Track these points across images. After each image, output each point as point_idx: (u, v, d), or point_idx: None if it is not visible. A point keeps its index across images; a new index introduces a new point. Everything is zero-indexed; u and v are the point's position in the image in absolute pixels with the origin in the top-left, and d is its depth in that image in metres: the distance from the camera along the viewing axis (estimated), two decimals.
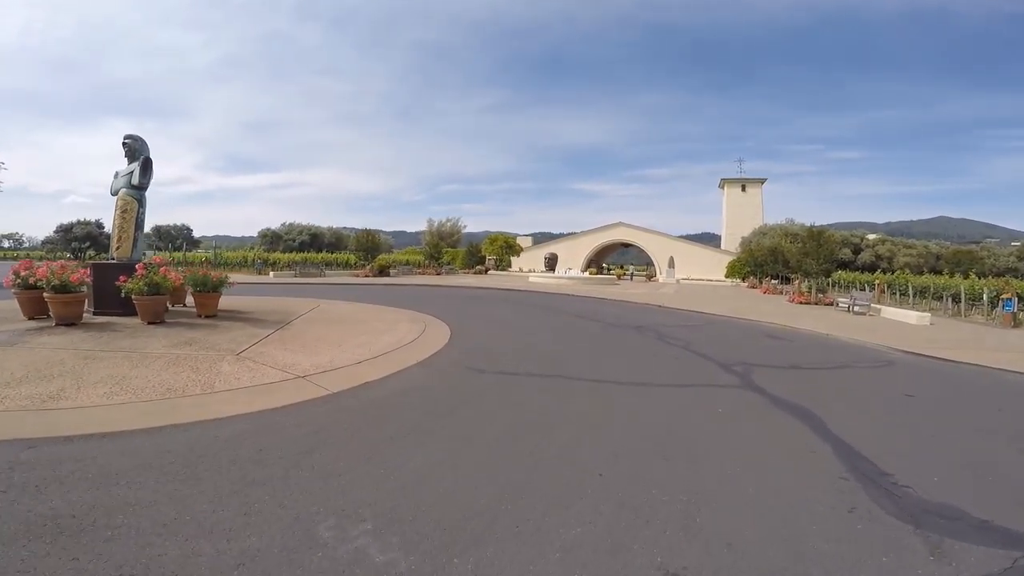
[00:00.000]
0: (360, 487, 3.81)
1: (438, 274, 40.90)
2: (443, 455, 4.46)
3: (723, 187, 58.07)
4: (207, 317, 11.15)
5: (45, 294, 9.58)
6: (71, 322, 9.59)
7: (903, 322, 17.13)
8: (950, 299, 21.93)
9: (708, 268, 48.85)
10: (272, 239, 61.52)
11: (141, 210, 11.81)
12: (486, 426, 5.22)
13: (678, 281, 44.11)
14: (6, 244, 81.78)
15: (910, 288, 25.26)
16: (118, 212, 11.67)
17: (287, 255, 42.52)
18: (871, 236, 55.33)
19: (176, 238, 55.80)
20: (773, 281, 33.82)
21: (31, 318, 9.85)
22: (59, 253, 51.91)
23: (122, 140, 11.90)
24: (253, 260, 35.52)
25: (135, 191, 11.65)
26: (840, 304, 21.80)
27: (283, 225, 64.80)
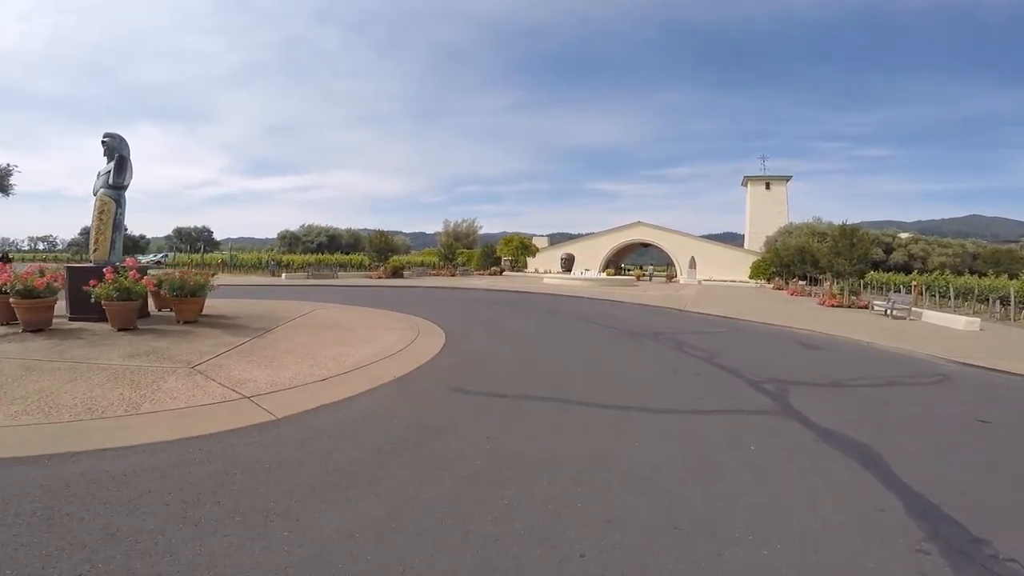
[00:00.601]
0: (241, 558, 2.76)
1: (452, 275, 39.98)
2: (372, 518, 3.36)
3: (746, 185, 55.94)
4: (186, 323, 10.31)
5: (11, 299, 8.95)
6: (39, 328, 8.89)
7: (949, 328, 15.48)
8: (997, 302, 20.05)
9: (731, 268, 46.94)
10: (291, 241, 61.53)
11: (119, 211, 11.02)
12: (444, 475, 4.07)
13: (699, 282, 42.40)
14: (41, 246, 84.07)
15: (951, 290, 23.34)
16: (96, 213, 10.91)
17: (303, 256, 42.13)
18: (903, 235, 52.65)
19: (196, 240, 56.08)
20: (800, 282, 32.00)
21: (4, 324, 9.27)
22: (84, 255, 52.60)
23: (101, 139, 11.15)
24: (267, 262, 35.07)
25: (113, 191, 10.87)
26: (876, 307, 20.12)
27: (302, 227, 64.84)
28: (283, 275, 32.18)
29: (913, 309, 18.84)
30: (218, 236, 70.81)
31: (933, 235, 59.82)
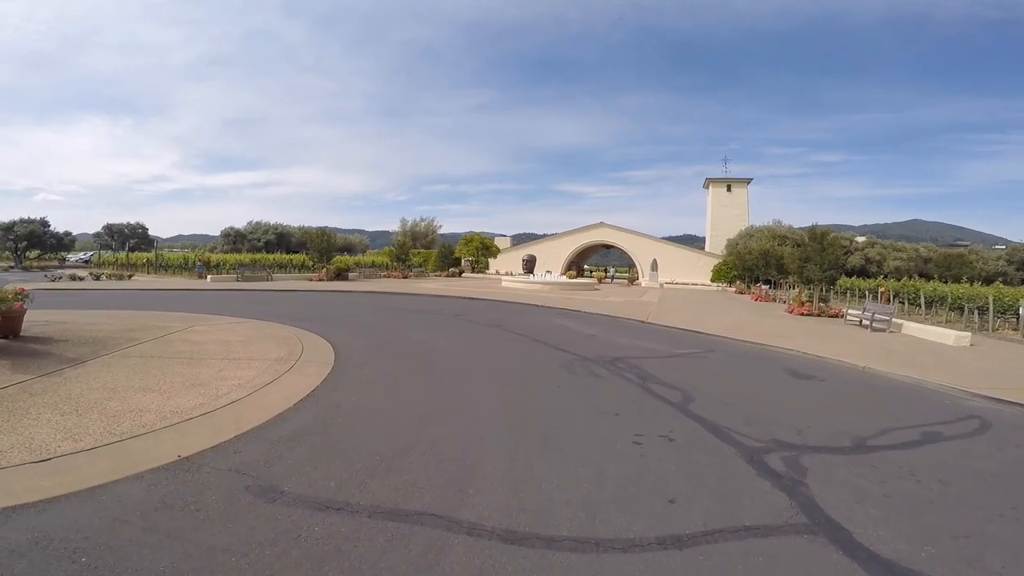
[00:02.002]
0: None
1: (405, 277, 36.82)
2: None
3: (708, 187, 54.65)
4: None
5: None
6: None
7: (939, 343, 13.56)
8: (975, 312, 18.48)
9: (692, 271, 45.42)
10: (235, 238, 56.84)
11: None
12: None
13: (661, 285, 40.57)
14: None
15: (922, 296, 21.84)
16: None
17: (235, 256, 38.09)
18: (860, 238, 52.35)
19: (130, 237, 50.92)
20: (764, 287, 30.35)
21: None
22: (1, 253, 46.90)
23: None
24: (194, 262, 31.17)
25: None
26: (850, 316, 18.26)
27: (249, 224, 60.18)
28: (208, 277, 28.41)
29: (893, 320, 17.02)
30: (167, 233, 65.33)
31: (879, 238, 60.18)
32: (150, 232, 60.74)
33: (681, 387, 7.81)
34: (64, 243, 49.80)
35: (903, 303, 23.25)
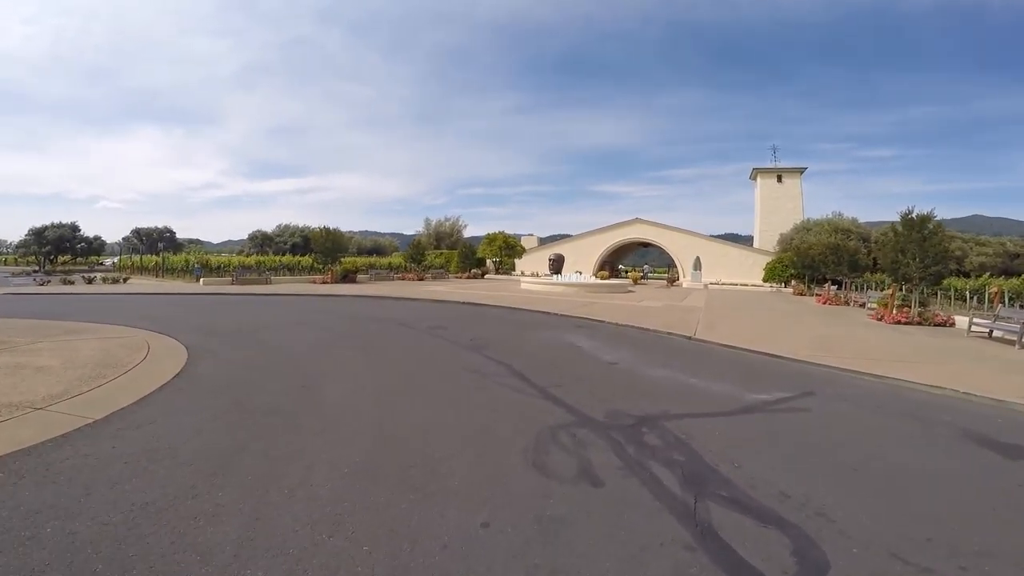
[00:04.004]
0: None
1: (420, 279, 33.19)
2: None
3: (755, 178, 48.52)
4: None
5: None
6: None
7: None
8: None
9: (740, 270, 39.79)
10: (262, 241, 55.02)
11: None
12: None
13: (706, 286, 35.32)
14: None
15: None
16: None
17: (239, 258, 35.42)
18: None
19: (158, 241, 49.70)
20: (833, 287, 24.89)
21: None
22: (29, 258, 46.40)
23: None
24: (193, 265, 28.49)
25: None
26: (977, 327, 13.10)
27: (277, 227, 58.43)
28: (200, 281, 25.54)
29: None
30: (219, 238, 64.69)
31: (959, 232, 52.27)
32: (200, 237, 60.20)
33: (795, 520, 3.39)
34: (94, 247, 49.00)
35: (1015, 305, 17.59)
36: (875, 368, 8.22)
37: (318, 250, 28.66)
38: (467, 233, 57.27)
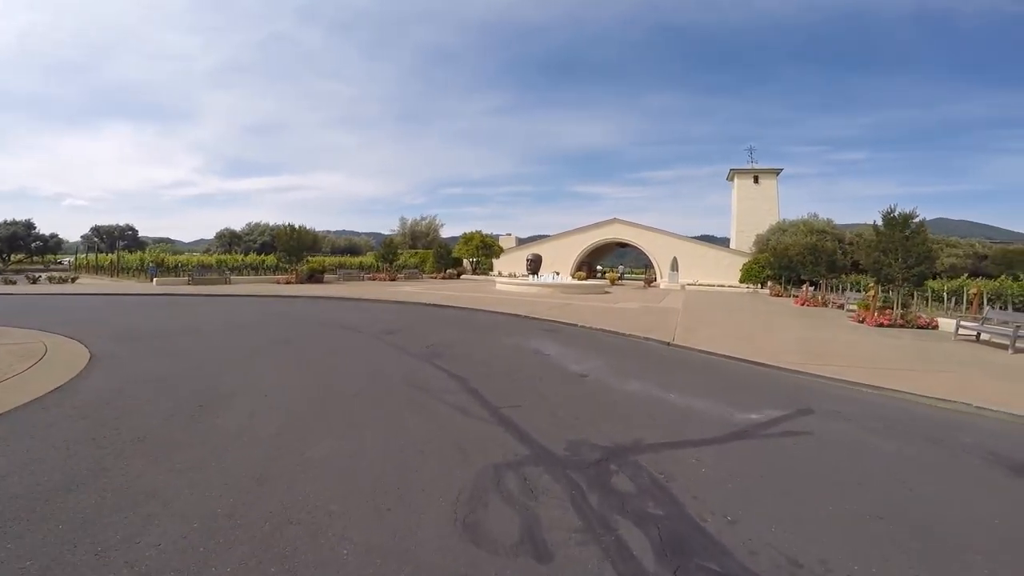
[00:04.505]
0: None
1: (392, 280, 31.80)
2: None
3: (732, 179, 48.32)
4: None
5: None
6: None
7: None
8: None
9: (717, 271, 39.36)
10: (230, 240, 52.82)
11: None
12: None
13: (682, 287, 34.73)
14: None
15: None
16: None
17: (201, 257, 33.40)
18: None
19: (119, 239, 47.08)
20: (811, 289, 24.36)
21: None
22: None
23: None
24: (147, 263, 26.62)
25: None
26: (964, 329, 12.45)
27: (247, 225, 56.22)
28: (154, 281, 23.79)
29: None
30: (191, 237, 61.98)
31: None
32: (172, 236, 57.42)
33: None
34: (50, 246, 46.20)
35: (999, 308, 17.17)
36: (872, 378, 7.32)
37: (282, 248, 27.05)
38: (445, 233, 55.78)
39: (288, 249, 26.73)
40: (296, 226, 27.21)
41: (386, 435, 4.65)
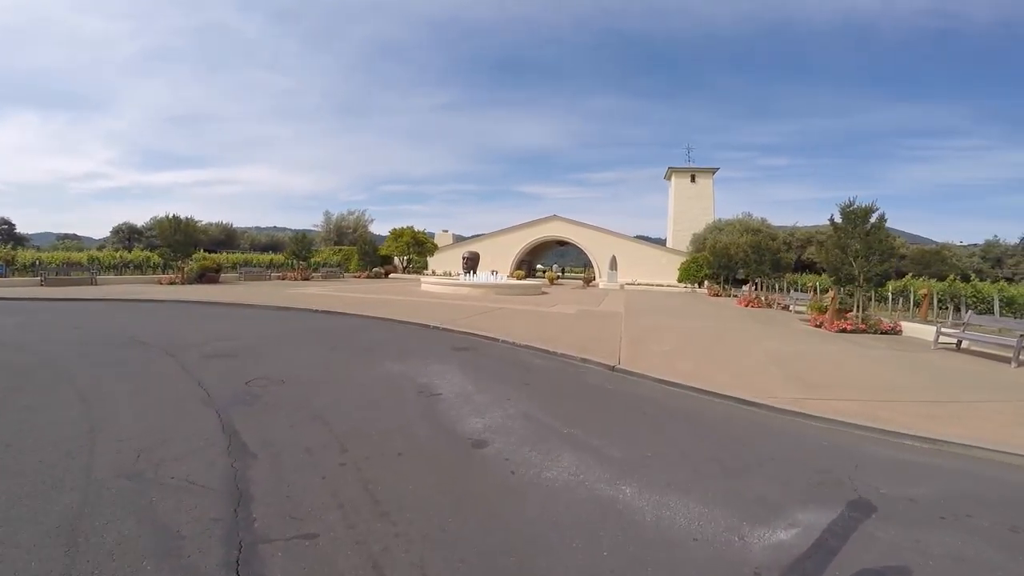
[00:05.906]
0: None
1: (305, 279, 27.66)
2: None
3: (670, 178, 47.45)
4: None
5: None
6: None
7: None
8: None
9: (655, 270, 37.98)
10: (128, 235, 45.83)
11: None
12: None
13: (622, 286, 32.81)
14: None
15: (997, 303, 14.54)
16: None
17: (73, 255, 27.57)
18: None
19: None
20: (752, 289, 22.83)
21: None
22: None
23: None
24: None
25: None
26: (945, 336, 10.64)
27: (152, 219, 49.16)
28: None
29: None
30: (100, 233, 53.32)
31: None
32: (79, 232, 48.88)
33: None
34: None
35: (946, 309, 16.01)
36: (909, 421, 4.83)
37: (165, 244, 22.30)
38: (379, 230, 51.34)
39: (172, 244, 22.04)
40: (182, 218, 22.51)
41: None
